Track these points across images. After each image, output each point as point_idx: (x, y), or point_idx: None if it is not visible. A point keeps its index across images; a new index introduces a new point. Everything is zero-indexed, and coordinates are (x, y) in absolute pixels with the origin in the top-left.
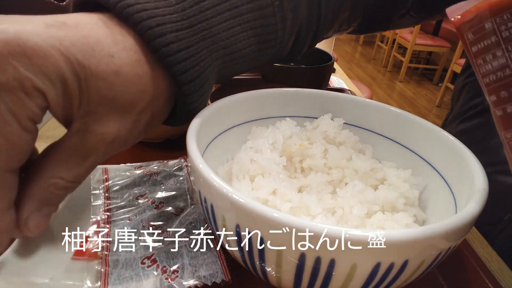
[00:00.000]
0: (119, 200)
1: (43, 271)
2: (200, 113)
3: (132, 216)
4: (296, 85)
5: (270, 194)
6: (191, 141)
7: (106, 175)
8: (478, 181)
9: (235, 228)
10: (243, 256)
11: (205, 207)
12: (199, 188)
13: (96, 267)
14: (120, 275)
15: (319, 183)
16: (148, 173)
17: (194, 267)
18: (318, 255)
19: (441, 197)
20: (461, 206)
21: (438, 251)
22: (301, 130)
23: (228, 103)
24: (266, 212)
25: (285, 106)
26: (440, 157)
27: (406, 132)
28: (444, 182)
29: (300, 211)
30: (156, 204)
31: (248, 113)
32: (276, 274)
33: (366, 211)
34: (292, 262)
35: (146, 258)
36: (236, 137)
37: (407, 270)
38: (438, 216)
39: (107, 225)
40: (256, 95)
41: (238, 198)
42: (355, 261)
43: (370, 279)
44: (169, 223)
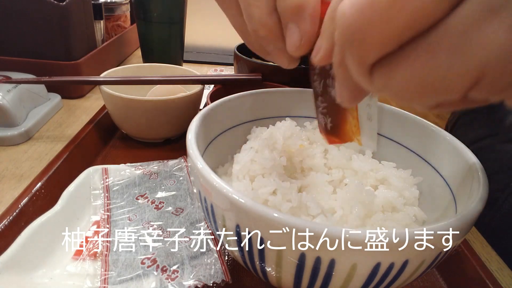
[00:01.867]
0: (119, 200)
1: (43, 271)
2: (200, 113)
3: (132, 216)
4: (296, 85)
5: (270, 194)
6: (191, 141)
7: (106, 175)
8: (478, 181)
9: (235, 228)
10: (243, 256)
11: (205, 207)
12: (199, 188)
13: (96, 267)
14: (120, 275)
15: (319, 183)
16: (148, 173)
17: (194, 267)
18: (318, 255)
19: (441, 197)
20: (461, 206)
21: (438, 251)
22: (301, 130)
23: (228, 103)
24: (266, 212)
25: (285, 106)
26: (440, 157)
27: (406, 132)
28: (444, 182)
29: (300, 211)
30: (156, 204)
31: (248, 113)
32: (276, 274)
33: (366, 211)
34: (292, 262)
35: (146, 258)
36: (236, 137)
37: (407, 270)
38: (438, 216)
39: (107, 225)
40: (256, 95)
41: (238, 198)
42: (355, 261)
43: (370, 279)
44: (169, 223)
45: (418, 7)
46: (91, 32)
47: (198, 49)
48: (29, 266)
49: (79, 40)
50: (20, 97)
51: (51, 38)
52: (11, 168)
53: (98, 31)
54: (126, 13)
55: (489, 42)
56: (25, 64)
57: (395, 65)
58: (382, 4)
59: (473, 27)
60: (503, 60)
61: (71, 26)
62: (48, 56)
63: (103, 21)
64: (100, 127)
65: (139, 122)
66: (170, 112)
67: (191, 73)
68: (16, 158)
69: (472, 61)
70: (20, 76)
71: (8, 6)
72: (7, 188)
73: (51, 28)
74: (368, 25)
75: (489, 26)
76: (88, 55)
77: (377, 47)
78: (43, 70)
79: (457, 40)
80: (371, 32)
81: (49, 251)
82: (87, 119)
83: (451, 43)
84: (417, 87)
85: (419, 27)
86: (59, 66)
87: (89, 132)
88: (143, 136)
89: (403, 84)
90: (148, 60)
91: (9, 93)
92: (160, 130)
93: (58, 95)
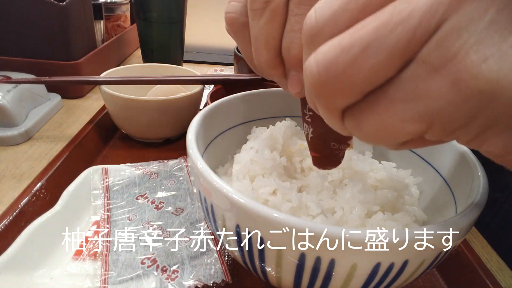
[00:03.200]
0: (119, 200)
1: (43, 271)
2: (200, 113)
3: (132, 216)
4: None
5: (270, 194)
6: (191, 141)
7: (106, 175)
8: (478, 181)
9: (235, 228)
10: (243, 256)
11: (205, 207)
12: (199, 188)
13: (96, 267)
14: (120, 275)
15: (319, 183)
16: (148, 173)
17: (194, 267)
18: (318, 255)
19: (441, 197)
20: (461, 206)
21: (438, 251)
22: (301, 130)
23: (228, 103)
24: (266, 212)
25: (285, 106)
26: (440, 157)
27: None
28: (444, 182)
29: (300, 211)
30: (156, 204)
31: (248, 113)
32: (276, 274)
33: (366, 211)
34: (292, 262)
35: (146, 258)
36: (236, 137)
37: (407, 270)
38: (438, 216)
39: (107, 225)
40: (256, 95)
41: (238, 198)
42: (355, 261)
43: (370, 279)
44: (169, 223)
45: (374, 65)
46: (91, 32)
47: (198, 49)
48: (29, 266)
49: (79, 40)
50: (20, 97)
51: (51, 38)
52: (11, 168)
53: (98, 31)
54: (126, 13)
55: (435, 95)
56: (25, 64)
57: (360, 112)
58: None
59: (420, 83)
60: (448, 109)
61: (71, 26)
62: (48, 56)
63: (103, 21)
64: (100, 127)
65: (139, 122)
66: (170, 112)
67: (191, 73)
68: (16, 158)
69: (422, 109)
70: (20, 76)
71: (8, 6)
72: (7, 188)
73: (51, 28)
74: (333, 79)
75: (433, 82)
76: (88, 55)
77: (341, 98)
78: (43, 70)
79: (409, 93)
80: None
81: (49, 251)
82: (87, 119)
83: (404, 95)
84: (380, 131)
85: (377, 81)
86: (59, 66)
87: (89, 132)
88: (143, 136)
89: (369, 128)
90: (148, 60)
91: (9, 93)
92: (160, 130)
93: (58, 95)
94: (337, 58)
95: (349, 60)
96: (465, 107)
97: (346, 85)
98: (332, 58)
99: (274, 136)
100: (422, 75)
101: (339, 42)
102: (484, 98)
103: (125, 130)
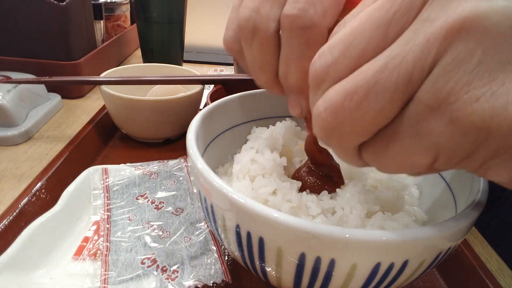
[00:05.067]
0: (119, 200)
1: (43, 271)
2: (200, 113)
3: (132, 216)
4: None
5: (270, 194)
6: (191, 141)
7: (106, 175)
8: (478, 181)
9: (235, 228)
10: (243, 256)
11: (205, 207)
12: (199, 188)
13: (96, 267)
14: (120, 275)
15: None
16: (148, 173)
17: (194, 267)
18: (318, 255)
19: (441, 197)
20: (461, 206)
21: (438, 251)
22: (301, 130)
23: (228, 103)
24: (266, 212)
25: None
26: None
27: None
28: (444, 182)
29: (300, 211)
30: (156, 204)
31: (248, 113)
32: (276, 274)
33: (366, 211)
34: (292, 262)
35: (146, 258)
36: (236, 137)
37: (407, 270)
38: (438, 216)
39: (107, 225)
40: (256, 95)
41: (238, 198)
42: (355, 261)
43: (370, 279)
44: (169, 223)
45: (378, 108)
46: (91, 32)
47: (198, 49)
48: (29, 266)
49: (79, 40)
50: (20, 97)
51: (51, 38)
52: (11, 168)
53: (98, 31)
54: (126, 13)
55: (436, 132)
56: (25, 64)
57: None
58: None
59: (420, 121)
60: (450, 144)
61: (71, 26)
62: (48, 56)
63: (103, 21)
64: (100, 127)
65: (139, 122)
66: (170, 112)
67: (191, 73)
68: (16, 158)
69: (427, 143)
70: (20, 76)
71: (8, 6)
72: (7, 188)
73: (51, 28)
74: (341, 123)
75: (432, 120)
76: (88, 55)
77: (353, 138)
78: (43, 70)
79: (413, 129)
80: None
81: (49, 251)
82: (87, 119)
83: (409, 131)
84: (397, 164)
85: (383, 121)
86: (59, 66)
87: (89, 132)
88: (143, 136)
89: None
90: (148, 60)
91: (9, 93)
92: (160, 130)
93: (58, 95)
94: (343, 103)
95: (354, 105)
96: (464, 141)
97: (355, 127)
98: (338, 103)
99: (274, 136)
100: (422, 114)
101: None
102: (481, 133)
103: (125, 130)
